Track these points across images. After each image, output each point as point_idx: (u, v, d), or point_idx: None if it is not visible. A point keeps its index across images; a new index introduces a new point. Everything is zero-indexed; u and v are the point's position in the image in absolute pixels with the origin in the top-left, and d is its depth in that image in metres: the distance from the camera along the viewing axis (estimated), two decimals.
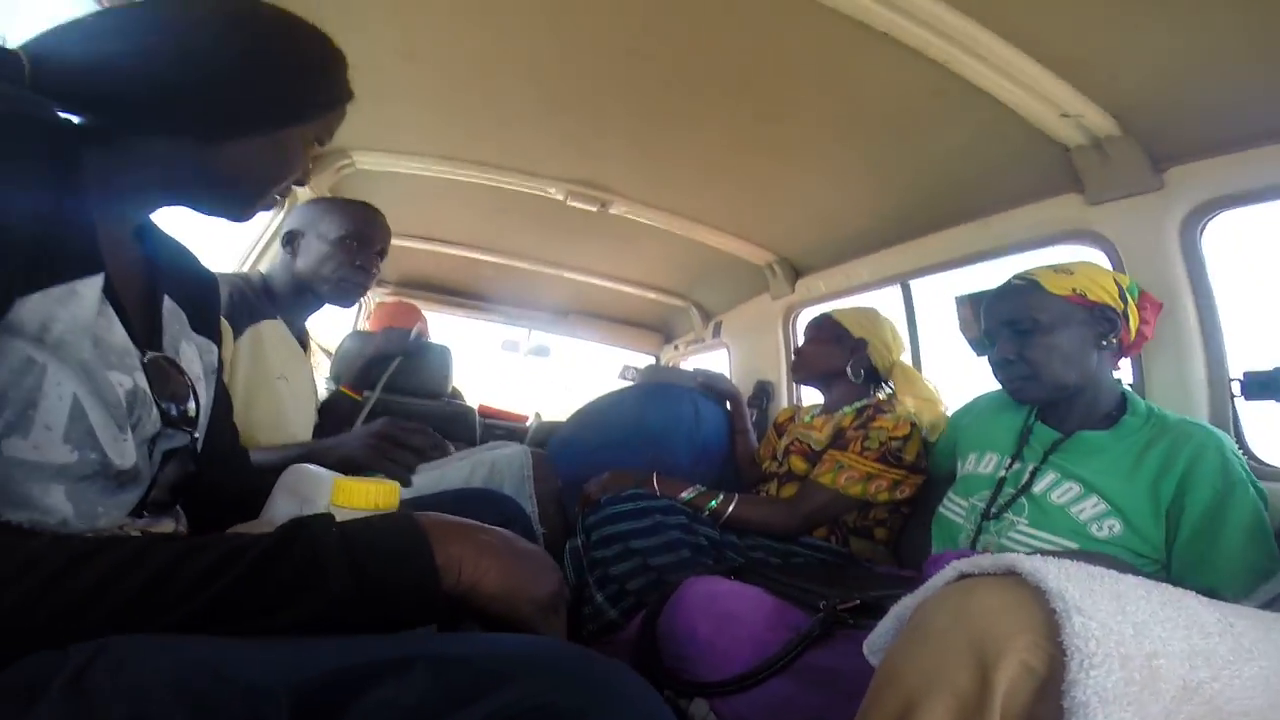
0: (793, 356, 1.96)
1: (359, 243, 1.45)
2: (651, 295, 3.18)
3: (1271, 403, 1.21)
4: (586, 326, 3.64)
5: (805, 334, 1.92)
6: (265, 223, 1.92)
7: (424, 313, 3.08)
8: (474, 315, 3.60)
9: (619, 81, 1.52)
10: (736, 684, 1.00)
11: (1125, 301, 1.18)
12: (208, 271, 0.85)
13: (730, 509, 1.56)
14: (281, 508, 0.73)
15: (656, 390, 2.21)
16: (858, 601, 1.01)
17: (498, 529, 0.60)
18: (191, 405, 0.69)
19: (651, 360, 3.76)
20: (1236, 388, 1.23)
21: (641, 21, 1.30)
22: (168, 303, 0.72)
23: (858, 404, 1.69)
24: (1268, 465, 1.21)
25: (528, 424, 3.01)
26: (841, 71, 1.34)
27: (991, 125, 1.34)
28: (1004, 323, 1.21)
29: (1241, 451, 1.21)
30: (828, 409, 1.79)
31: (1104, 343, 1.16)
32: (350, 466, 1.14)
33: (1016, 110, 1.28)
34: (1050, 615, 0.51)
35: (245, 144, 0.64)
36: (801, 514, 1.54)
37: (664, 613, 1.16)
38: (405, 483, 1.19)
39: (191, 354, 0.74)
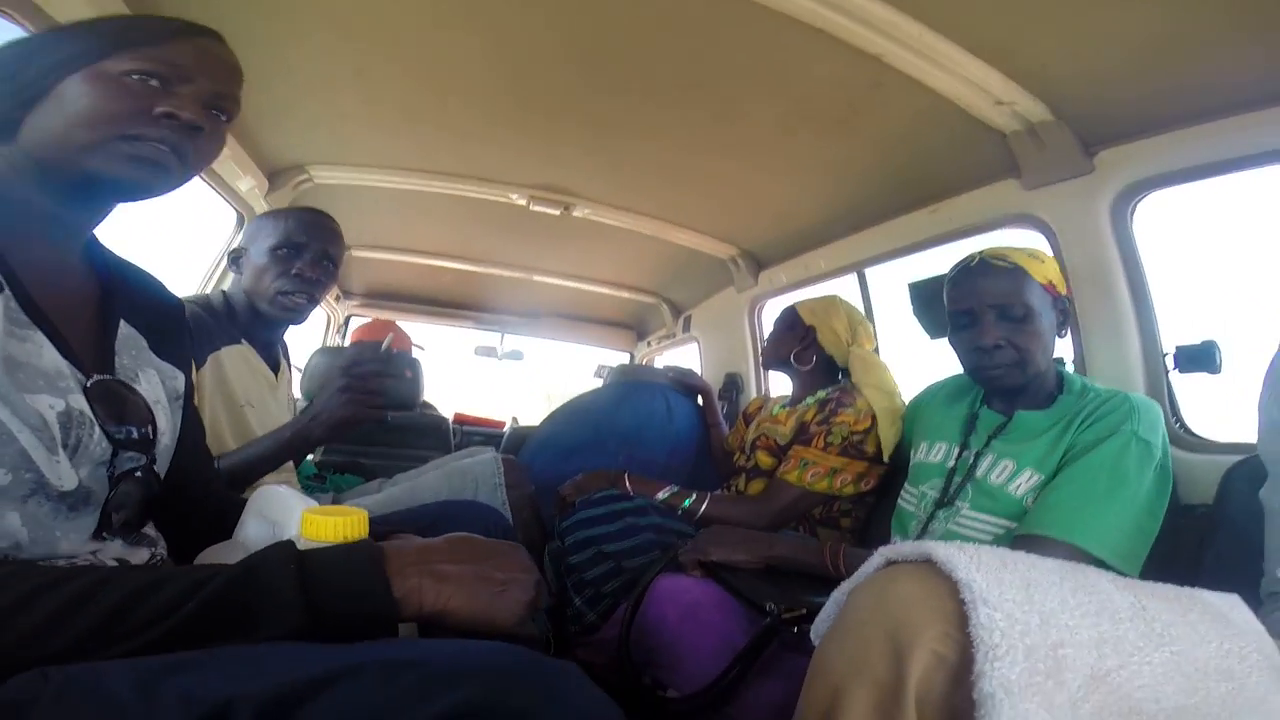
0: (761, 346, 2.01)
1: (293, 250, 1.36)
2: (622, 294, 3.21)
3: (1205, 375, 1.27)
4: (560, 328, 3.66)
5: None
6: (226, 241, 1.92)
7: (400, 324, 3.10)
8: (445, 322, 3.61)
9: (574, 88, 1.55)
10: (706, 698, 1.03)
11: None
12: (172, 297, 0.86)
13: (704, 508, 1.59)
14: (252, 530, 0.74)
15: (628, 389, 2.25)
16: (803, 611, 1.01)
17: (465, 544, 0.63)
18: (149, 427, 0.69)
19: (626, 358, 3.79)
20: (1171, 361, 1.29)
21: (592, 30, 1.33)
22: (124, 328, 0.73)
23: (820, 394, 1.70)
24: (1197, 437, 1.26)
25: (505, 429, 3.03)
26: (784, 70, 1.38)
27: (930, 114, 1.39)
28: (993, 306, 1.15)
29: (1176, 422, 1.28)
30: (793, 400, 1.82)
31: (1060, 332, 1.20)
32: (344, 426, 1.18)
33: (953, 99, 1.32)
34: (960, 605, 0.51)
35: (49, 104, 0.63)
36: (772, 512, 1.57)
37: (637, 613, 1.19)
38: (383, 419, 1.24)
39: (152, 379, 0.74)
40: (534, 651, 0.49)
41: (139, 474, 0.68)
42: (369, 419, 1.20)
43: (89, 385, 0.63)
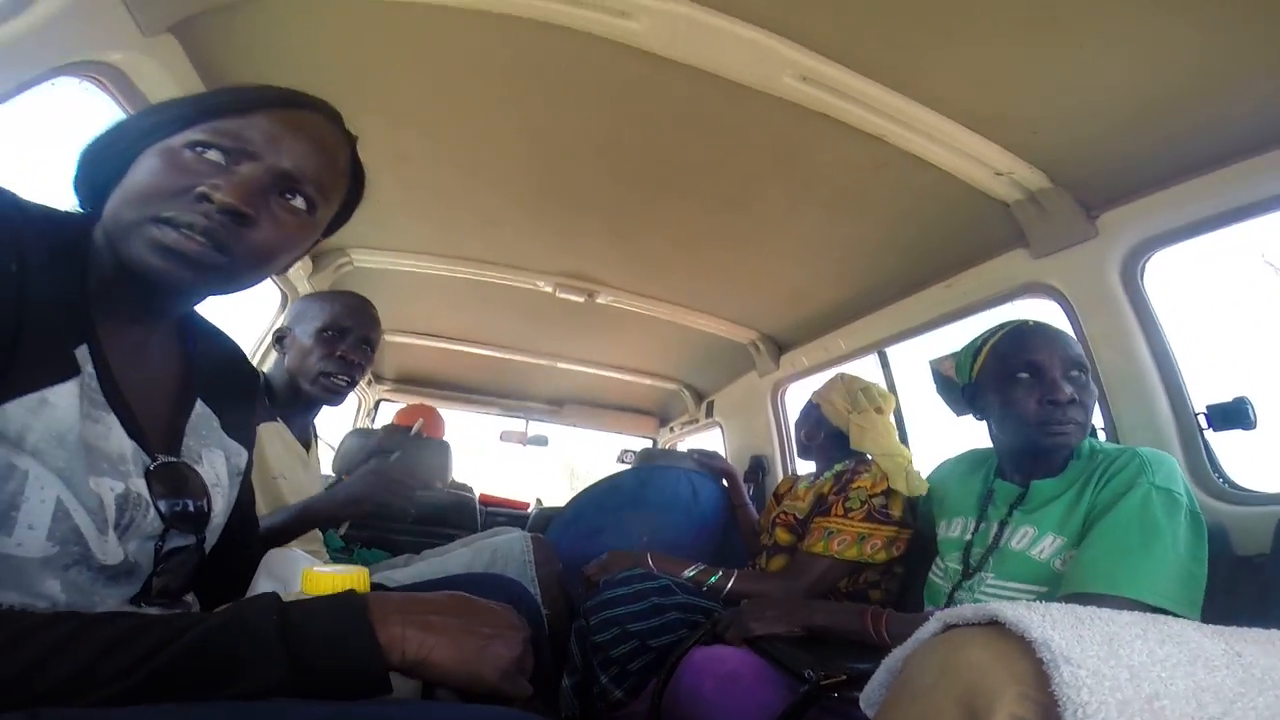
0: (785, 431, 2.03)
1: (338, 334, 1.42)
2: (645, 380, 3.26)
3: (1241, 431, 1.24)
4: (583, 415, 3.70)
5: None
6: (269, 323, 2.02)
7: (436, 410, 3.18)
8: (472, 408, 3.67)
9: (596, 179, 1.66)
10: None
11: None
12: (251, 370, 0.84)
13: (730, 585, 1.56)
14: (264, 589, 0.74)
15: (653, 471, 2.25)
16: (843, 677, 0.98)
17: (453, 599, 0.61)
18: (204, 507, 0.69)
19: (649, 443, 3.78)
20: (1204, 421, 1.27)
21: (611, 125, 1.45)
22: (199, 406, 0.73)
23: (837, 467, 1.70)
24: (1243, 489, 1.22)
25: (530, 510, 3.01)
26: (791, 155, 1.47)
27: (935, 189, 1.45)
28: (1067, 359, 1.14)
29: (1219, 478, 1.24)
30: (814, 477, 1.81)
31: None
32: (356, 504, 1.19)
33: (955, 173, 1.39)
34: (1038, 665, 0.49)
35: (124, 179, 0.61)
36: (800, 585, 1.52)
37: (670, 681, 1.17)
38: (408, 516, 1.21)
39: (217, 459, 0.74)
40: (530, 716, 0.48)
41: (189, 549, 0.68)
42: (385, 499, 1.20)
43: (152, 468, 0.63)
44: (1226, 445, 1.26)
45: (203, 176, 0.58)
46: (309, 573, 0.63)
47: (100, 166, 0.62)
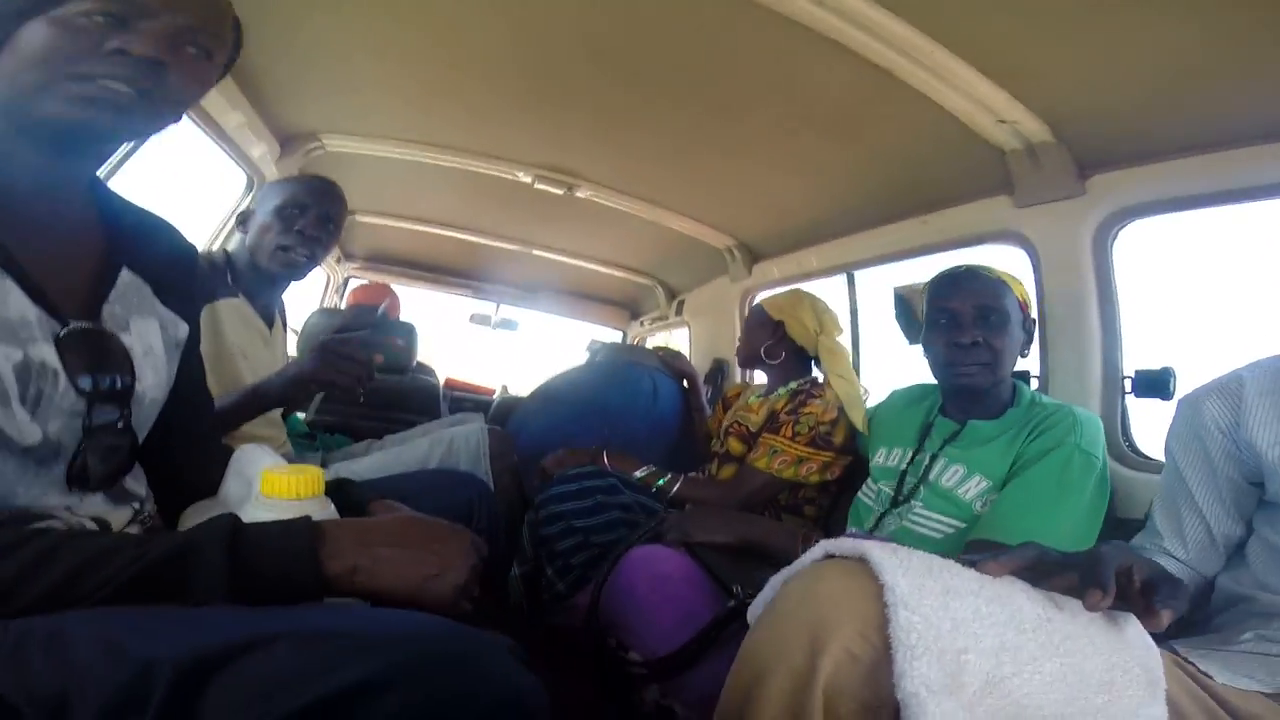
0: None
1: (297, 210, 1.44)
2: (618, 273, 3.25)
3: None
4: (555, 302, 3.69)
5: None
6: (235, 203, 1.94)
7: (395, 289, 3.13)
8: (443, 289, 3.63)
9: (584, 75, 1.58)
10: (664, 666, 1.08)
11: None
12: (185, 244, 0.84)
13: (675, 489, 1.66)
14: (232, 488, 0.77)
15: (618, 367, 2.30)
16: None
17: (409, 528, 0.65)
18: (129, 381, 0.68)
19: (619, 335, 3.84)
20: (1129, 385, 1.35)
21: (604, 20, 1.35)
22: (126, 275, 0.71)
23: (792, 385, 1.76)
24: (1144, 456, 1.33)
25: (494, 396, 3.07)
26: (789, 72, 1.41)
27: (932, 128, 1.42)
28: (978, 306, 1.20)
29: (1126, 442, 1.35)
30: (767, 390, 1.87)
31: (1024, 351, 1.28)
32: (301, 384, 1.18)
33: (956, 115, 1.35)
34: (882, 607, 0.53)
35: (7, 51, 0.61)
36: (740, 496, 1.63)
37: (610, 577, 1.24)
38: (357, 397, 1.21)
39: (148, 328, 0.73)
40: (465, 626, 0.51)
41: (118, 426, 0.67)
42: (337, 384, 1.18)
43: (62, 335, 0.61)
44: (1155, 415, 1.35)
45: (110, 36, 0.60)
46: (267, 474, 0.68)
47: None
